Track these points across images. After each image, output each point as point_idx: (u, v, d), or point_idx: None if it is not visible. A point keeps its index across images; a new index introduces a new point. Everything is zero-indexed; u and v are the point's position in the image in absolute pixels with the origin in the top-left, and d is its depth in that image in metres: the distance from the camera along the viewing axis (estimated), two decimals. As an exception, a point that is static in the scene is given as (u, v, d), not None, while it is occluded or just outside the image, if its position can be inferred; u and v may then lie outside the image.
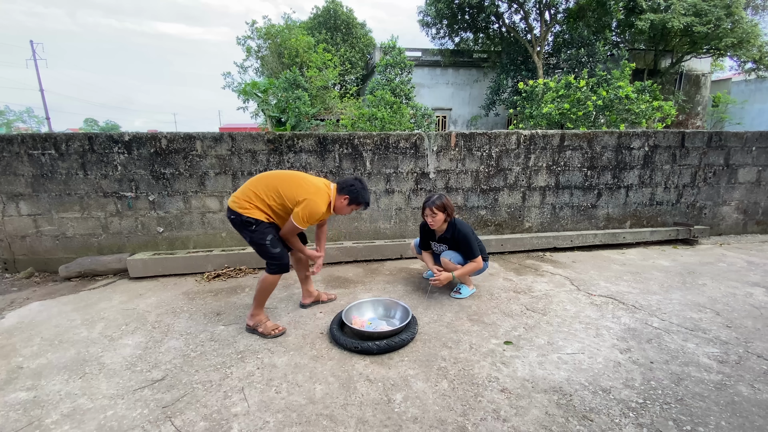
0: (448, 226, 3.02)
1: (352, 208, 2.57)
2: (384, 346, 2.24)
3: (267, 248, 2.42)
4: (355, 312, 2.62)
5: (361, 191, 2.52)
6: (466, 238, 2.94)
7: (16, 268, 3.81)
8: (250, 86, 13.06)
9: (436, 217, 2.91)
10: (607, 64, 15.17)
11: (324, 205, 2.44)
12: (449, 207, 2.95)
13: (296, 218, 2.38)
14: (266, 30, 18.43)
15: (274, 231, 2.46)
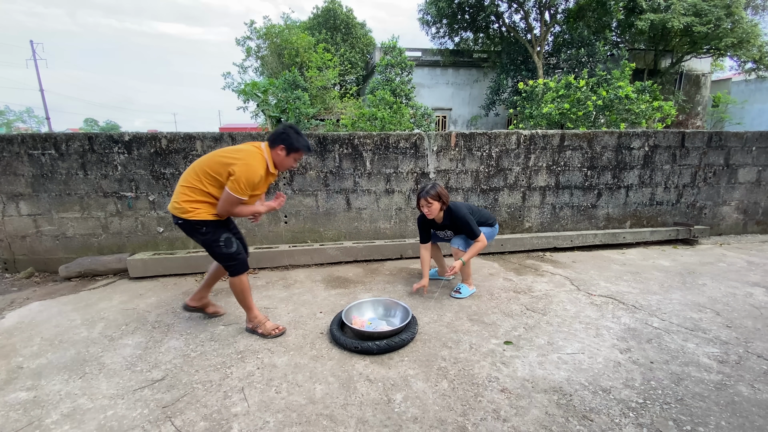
0: (445, 213, 3.00)
1: (294, 157, 2.37)
2: (384, 346, 2.24)
3: (221, 249, 2.31)
4: (355, 312, 2.61)
5: (294, 136, 2.32)
6: (464, 220, 2.93)
7: (16, 268, 3.81)
8: (250, 86, 13.06)
9: (432, 207, 2.89)
10: (607, 64, 15.16)
11: (261, 166, 2.25)
12: (443, 195, 2.92)
13: (234, 188, 2.16)
14: (266, 30, 18.43)
15: (226, 229, 2.36)
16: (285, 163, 2.37)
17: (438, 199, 2.88)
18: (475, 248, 2.96)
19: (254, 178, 2.20)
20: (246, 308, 2.47)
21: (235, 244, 2.36)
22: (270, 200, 2.60)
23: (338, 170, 4.08)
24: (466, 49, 19.06)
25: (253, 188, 2.25)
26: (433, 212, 2.91)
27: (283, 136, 2.31)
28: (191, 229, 2.28)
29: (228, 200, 2.20)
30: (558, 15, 16.42)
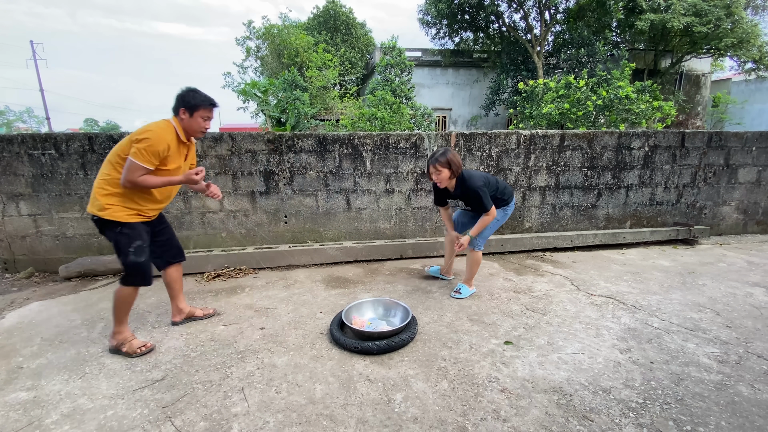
0: (457, 182, 2.82)
1: (200, 116, 2.23)
2: (384, 346, 2.23)
3: (129, 256, 2.17)
4: (355, 312, 2.60)
5: (191, 94, 2.21)
6: (476, 192, 2.74)
7: (16, 268, 3.81)
8: (250, 86, 13.07)
9: (441, 174, 2.72)
10: (607, 64, 15.16)
11: (167, 133, 2.15)
12: (454, 162, 2.72)
13: (136, 155, 2.03)
14: (265, 30, 18.43)
15: (145, 235, 2.25)
16: (194, 126, 2.25)
17: (448, 167, 2.70)
18: (483, 221, 2.83)
19: (158, 145, 2.08)
20: (117, 321, 2.29)
21: (145, 255, 2.23)
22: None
23: (338, 170, 4.08)
24: (466, 49, 19.07)
25: (159, 157, 2.11)
26: (442, 180, 2.75)
27: (179, 99, 2.21)
28: (106, 227, 2.17)
29: (129, 168, 2.06)
30: (558, 15, 16.43)
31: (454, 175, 2.76)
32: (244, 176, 3.93)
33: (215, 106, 2.29)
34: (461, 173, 2.81)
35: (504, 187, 2.99)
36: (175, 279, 2.59)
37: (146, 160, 2.07)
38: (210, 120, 2.31)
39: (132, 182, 2.10)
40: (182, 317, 2.65)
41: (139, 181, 2.10)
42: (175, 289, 2.61)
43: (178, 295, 2.63)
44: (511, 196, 3.04)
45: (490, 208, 2.78)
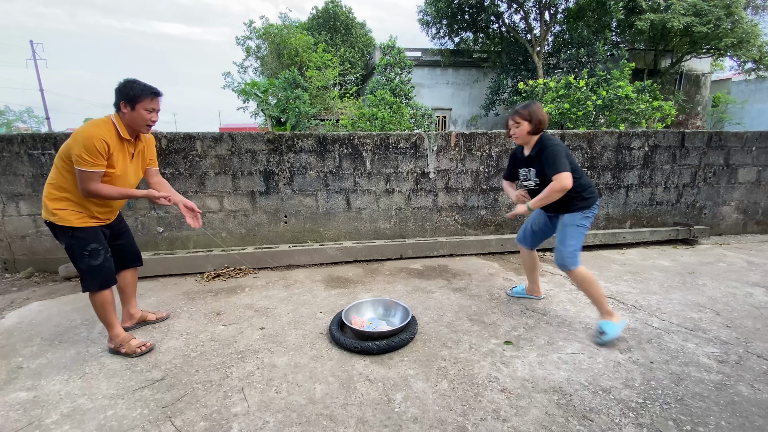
0: (537, 142, 2.43)
1: (143, 107, 2.08)
2: (384, 346, 2.23)
3: (84, 259, 2.10)
4: (354, 312, 2.59)
5: (130, 84, 2.08)
6: (553, 150, 2.31)
7: (16, 268, 3.81)
8: (250, 86, 13.07)
9: (520, 127, 2.40)
10: (607, 64, 15.17)
11: (102, 129, 2.00)
12: (537, 116, 2.37)
13: (77, 160, 1.94)
14: (264, 30, 18.43)
15: (100, 237, 2.17)
16: (138, 119, 2.09)
17: (529, 120, 2.37)
18: (548, 189, 2.30)
19: (91, 143, 1.94)
20: (107, 325, 2.25)
21: (101, 256, 2.15)
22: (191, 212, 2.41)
23: (338, 170, 4.08)
24: (466, 49, 19.08)
25: (103, 155, 1.98)
26: (520, 135, 2.42)
27: (117, 92, 2.07)
28: (58, 232, 2.11)
29: (80, 178, 1.98)
30: (558, 15, 16.43)
31: (534, 131, 2.39)
32: (244, 176, 3.93)
33: (159, 96, 2.15)
34: (543, 135, 2.42)
35: (588, 184, 2.46)
36: (129, 283, 2.53)
37: (91, 163, 1.96)
38: (156, 112, 2.16)
39: (89, 191, 2.02)
40: (133, 322, 2.58)
41: (96, 190, 2.02)
42: (128, 294, 2.55)
43: (130, 300, 2.57)
44: (594, 196, 2.47)
45: (562, 170, 2.26)
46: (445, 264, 3.90)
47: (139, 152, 2.27)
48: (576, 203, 2.43)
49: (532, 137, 2.43)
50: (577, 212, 2.43)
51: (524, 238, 2.86)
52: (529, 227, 2.82)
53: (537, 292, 3.01)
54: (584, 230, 2.44)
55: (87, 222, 2.14)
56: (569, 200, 2.41)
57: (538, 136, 2.43)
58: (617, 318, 2.38)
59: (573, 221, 2.44)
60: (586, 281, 2.41)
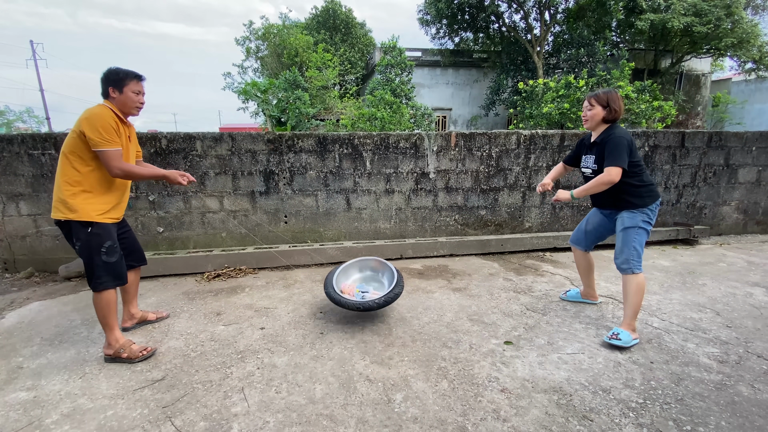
0: (605, 130, 2.38)
1: (130, 90, 2.14)
2: (382, 302, 2.43)
3: (101, 257, 2.11)
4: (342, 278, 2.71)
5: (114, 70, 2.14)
6: (616, 141, 2.25)
7: (16, 268, 3.81)
8: (250, 86, 13.08)
9: (593, 110, 2.35)
10: (607, 64, 15.17)
11: (106, 112, 2.07)
12: (614, 105, 2.32)
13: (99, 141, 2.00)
14: (264, 30, 18.44)
15: (114, 235, 2.20)
16: (128, 102, 2.16)
17: (603, 105, 2.32)
18: (595, 180, 2.28)
19: (106, 122, 2.03)
20: (107, 328, 2.21)
21: (117, 253, 2.18)
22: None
23: (338, 170, 4.08)
24: (466, 49, 19.08)
25: (114, 134, 2.05)
26: (592, 119, 2.37)
27: (104, 80, 2.12)
28: (74, 229, 2.10)
29: (108, 158, 2.03)
30: (558, 15, 16.43)
31: (608, 118, 2.34)
32: (244, 176, 3.93)
33: (142, 79, 2.21)
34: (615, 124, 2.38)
35: (648, 182, 2.37)
36: (132, 283, 2.54)
37: (113, 142, 2.04)
38: (142, 94, 2.22)
39: (122, 170, 2.09)
40: (133, 322, 2.60)
41: (128, 168, 2.10)
42: (131, 293, 2.56)
43: (132, 300, 2.58)
44: (653, 195, 2.37)
45: (616, 165, 2.21)
46: (445, 264, 3.91)
47: (131, 137, 2.31)
48: (631, 200, 2.35)
49: (602, 124, 2.38)
50: (635, 211, 2.35)
51: (579, 239, 2.76)
52: (584, 227, 2.72)
53: (593, 296, 2.88)
54: (646, 232, 2.36)
55: (106, 218, 2.16)
56: (623, 196, 2.36)
57: (608, 124, 2.38)
58: (636, 335, 2.35)
59: (635, 222, 2.34)
60: (638, 290, 2.33)
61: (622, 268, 2.38)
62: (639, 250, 2.35)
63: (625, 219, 2.39)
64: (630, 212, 2.37)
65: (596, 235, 2.68)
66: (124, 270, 2.27)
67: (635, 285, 2.33)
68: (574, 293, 2.97)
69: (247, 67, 21.01)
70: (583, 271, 2.84)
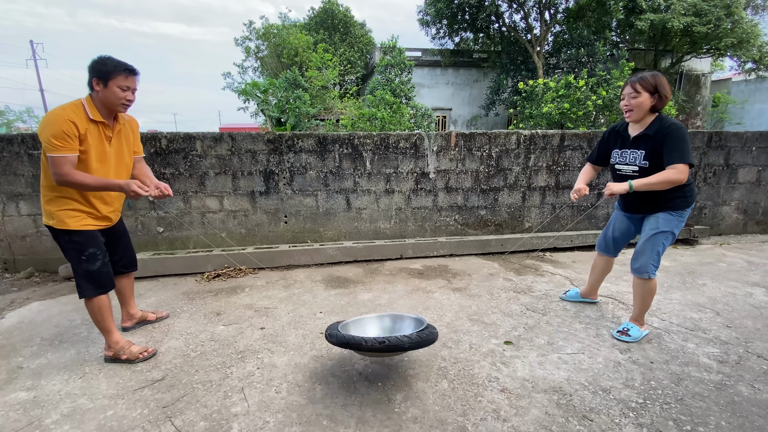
0: (655, 120, 2.12)
1: (116, 85, 1.98)
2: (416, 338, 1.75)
3: (81, 264, 2.06)
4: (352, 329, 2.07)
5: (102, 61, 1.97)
6: (682, 134, 2.03)
7: (16, 268, 3.81)
8: (250, 86, 13.08)
9: (639, 98, 2.08)
10: (607, 64, 15.17)
11: (68, 110, 1.91)
12: (664, 88, 2.07)
13: (50, 148, 1.85)
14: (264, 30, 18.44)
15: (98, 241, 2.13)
16: (111, 98, 1.99)
17: (651, 91, 2.06)
18: (663, 176, 2.04)
19: (57, 125, 1.85)
20: (104, 332, 2.18)
21: (99, 261, 2.10)
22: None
23: (338, 170, 4.08)
24: (466, 49, 19.08)
25: (71, 138, 1.87)
26: (638, 109, 2.11)
27: (90, 70, 1.97)
28: (57, 235, 2.06)
29: (52, 163, 1.87)
30: (558, 15, 16.43)
31: (656, 107, 2.10)
32: (244, 176, 3.93)
33: (134, 74, 2.04)
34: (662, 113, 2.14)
35: (690, 182, 2.18)
36: (125, 286, 2.51)
37: (59, 147, 1.86)
38: (132, 91, 2.05)
39: (61, 176, 1.88)
40: (133, 322, 2.58)
41: (68, 175, 1.88)
42: (126, 296, 2.54)
43: (129, 301, 2.56)
44: (694, 196, 2.24)
45: (686, 161, 2.00)
46: (445, 264, 3.91)
47: (119, 134, 2.14)
48: (674, 201, 2.18)
49: (648, 114, 2.13)
50: (674, 213, 2.19)
51: (607, 246, 2.63)
52: (610, 234, 2.58)
53: (593, 296, 2.88)
54: (674, 237, 2.25)
55: (85, 225, 2.07)
56: (671, 195, 2.16)
57: (655, 114, 2.14)
58: (645, 327, 2.41)
59: (669, 226, 2.20)
60: (650, 293, 2.32)
61: (638, 271, 2.29)
62: (660, 256, 2.26)
63: (660, 221, 2.22)
64: (669, 214, 2.21)
65: (623, 241, 2.57)
66: (108, 278, 2.17)
67: (648, 289, 2.32)
68: (573, 293, 2.98)
69: (247, 67, 21.02)
70: (597, 274, 2.77)
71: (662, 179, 2.06)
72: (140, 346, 2.27)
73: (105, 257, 2.17)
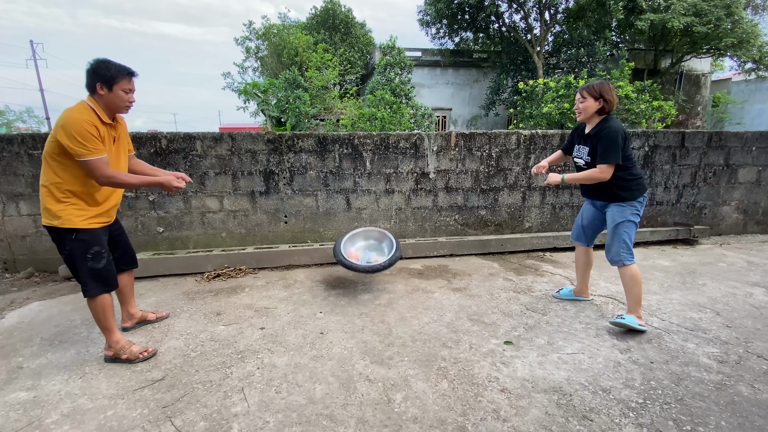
0: (600, 122, 2.40)
1: (120, 89, 2.01)
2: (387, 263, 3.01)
3: (87, 263, 2.06)
4: (349, 245, 3.30)
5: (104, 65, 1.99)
6: (609, 135, 2.29)
7: (16, 268, 3.81)
8: (250, 86, 13.09)
9: (585, 103, 2.37)
10: (607, 64, 15.17)
11: (85, 113, 1.94)
12: (608, 95, 2.33)
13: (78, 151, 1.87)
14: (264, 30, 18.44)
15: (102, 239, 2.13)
16: (116, 101, 2.03)
17: (596, 96, 2.33)
18: (588, 173, 2.37)
19: (84, 129, 1.88)
20: (105, 331, 2.18)
21: (104, 259, 2.11)
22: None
23: (338, 170, 4.08)
24: (466, 49, 19.08)
25: (95, 142, 1.92)
26: (585, 111, 2.39)
27: (91, 74, 1.97)
28: (60, 235, 2.04)
29: (92, 168, 1.91)
30: (558, 15, 16.43)
31: (601, 111, 2.37)
32: (244, 176, 3.93)
33: (134, 76, 2.08)
34: (608, 115, 2.39)
35: (638, 175, 2.44)
36: (126, 284, 2.51)
37: (94, 150, 1.90)
38: (132, 92, 2.09)
39: (108, 177, 1.96)
40: (133, 322, 2.58)
41: (114, 176, 1.98)
42: (126, 294, 2.54)
43: (129, 300, 2.56)
44: (642, 189, 2.45)
45: (609, 162, 2.29)
46: (445, 264, 3.91)
47: (119, 136, 2.19)
48: (621, 193, 2.43)
49: (595, 116, 2.41)
50: (624, 204, 2.44)
51: (579, 235, 2.87)
52: (580, 222, 2.83)
53: (585, 293, 2.97)
54: (635, 225, 2.48)
55: (91, 223, 2.08)
56: (614, 188, 2.44)
57: (602, 116, 2.41)
58: (642, 322, 2.46)
59: (624, 216, 2.45)
60: (635, 280, 2.46)
61: (613, 260, 2.54)
62: (628, 242, 2.47)
63: (615, 213, 2.49)
64: (619, 205, 2.48)
65: (593, 229, 2.79)
66: (113, 276, 2.19)
67: (629, 276, 2.48)
68: (566, 291, 3.04)
69: (247, 67, 21.03)
70: (581, 267, 2.92)
71: (587, 176, 2.40)
72: (140, 346, 2.28)
73: (109, 255, 2.19)
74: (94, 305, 2.14)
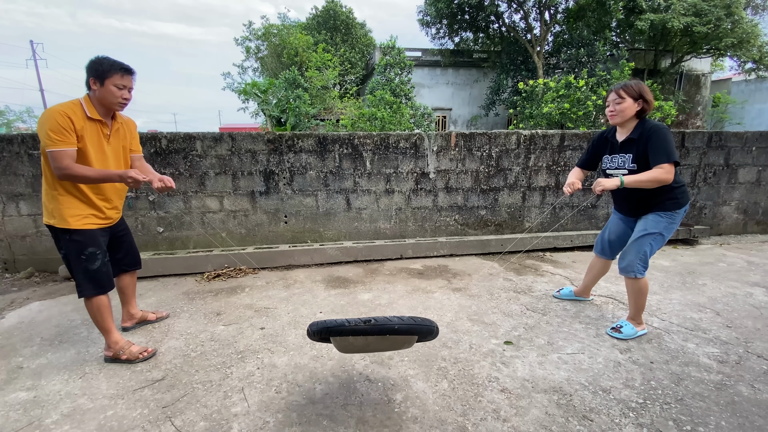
0: (638, 124, 2.20)
1: (113, 84, 2.01)
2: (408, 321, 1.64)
3: (81, 264, 2.06)
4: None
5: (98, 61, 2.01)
6: (664, 135, 2.09)
7: (16, 268, 3.80)
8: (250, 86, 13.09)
9: (623, 104, 2.16)
10: (607, 64, 15.16)
11: (66, 109, 1.93)
12: (648, 95, 2.16)
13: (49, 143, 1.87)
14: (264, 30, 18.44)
15: (99, 240, 2.12)
16: (108, 97, 2.02)
17: (635, 97, 2.15)
18: (650, 174, 2.09)
19: (53, 120, 1.88)
20: (104, 332, 2.18)
21: (99, 261, 2.11)
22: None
23: (338, 170, 4.08)
24: (466, 49, 19.08)
25: (68, 132, 1.90)
26: (622, 114, 2.19)
27: (87, 70, 2.00)
28: (57, 235, 2.06)
29: (51, 158, 1.89)
30: (558, 15, 16.43)
31: (641, 113, 2.18)
32: (244, 176, 3.93)
33: (130, 73, 2.07)
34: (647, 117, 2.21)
35: (682, 182, 2.24)
36: (128, 285, 2.52)
37: (58, 141, 1.88)
38: (128, 90, 2.08)
39: (62, 170, 1.90)
40: (133, 322, 2.58)
41: (69, 168, 1.90)
42: (127, 295, 2.54)
43: (130, 301, 2.56)
44: (687, 197, 2.26)
45: (672, 160, 2.06)
46: (445, 264, 3.91)
47: (117, 133, 2.17)
48: (666, 202, 2.23)
49: (632, 119, 2.22)
50: (663, 215, 2.23)
51: (603, 249, 2.66)
52: (606, 237, 2.62)
53: (586, 294, 2.92)
54: (664, 239, 2.28)
55: (86, 224, 2.07)
56: (660, 196, 2.22)
57: (639, 119, 2.22)
58: (642, 326, 2.43)
59: (658, 227, 2.24)
60: (642, 292, 2.35)
61: (626, 270, 2.34)
62: (647, 256, 2.28)
63: (649, 222, 2.27)
64: (657, 215, 2.26)
65: (619, 245, 2.57)
66: (107, 278, 2.17)
67: (638, 288, 2.36)
68: (567, 291, 3.01)
69: (247, 67, 21.05)
70: (593, 274, 2.81)
71: (651, 177, 2.11)
72: (140, 346, 2.27)
73: (105, 257, 2.18)
74: (89, 306, 2.15)
